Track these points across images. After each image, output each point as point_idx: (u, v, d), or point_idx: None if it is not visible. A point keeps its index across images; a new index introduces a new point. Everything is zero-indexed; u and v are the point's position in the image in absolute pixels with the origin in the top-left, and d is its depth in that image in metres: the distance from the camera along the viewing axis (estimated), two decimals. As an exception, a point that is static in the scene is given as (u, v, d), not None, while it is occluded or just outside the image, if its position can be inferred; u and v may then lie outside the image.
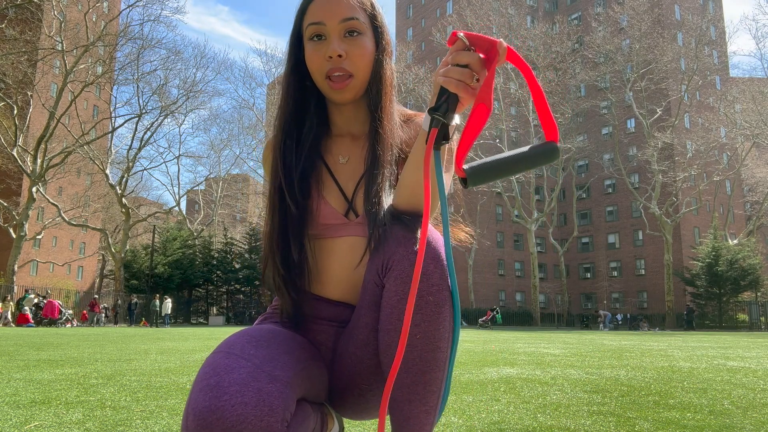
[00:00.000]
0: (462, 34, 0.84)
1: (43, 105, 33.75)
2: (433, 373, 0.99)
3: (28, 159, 31.00)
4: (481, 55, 0.85)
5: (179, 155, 45.47)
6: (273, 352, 0.97)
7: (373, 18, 1.19)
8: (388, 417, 1.03)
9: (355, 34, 1.14)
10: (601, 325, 36.74)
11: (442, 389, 1.02)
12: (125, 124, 40.44)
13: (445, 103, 0.87)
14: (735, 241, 39.76)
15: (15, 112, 30.13)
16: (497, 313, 36.13)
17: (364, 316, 1.07)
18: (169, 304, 29.87)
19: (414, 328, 0.97)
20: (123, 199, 35.87)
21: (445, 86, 0.86)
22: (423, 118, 0.99)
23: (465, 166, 0.86)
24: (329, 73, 1.14)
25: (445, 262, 1.00)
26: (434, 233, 1.03)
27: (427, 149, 0.89)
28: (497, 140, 43.74)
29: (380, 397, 1.08)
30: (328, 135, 1.28)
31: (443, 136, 0.88)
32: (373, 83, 1.19)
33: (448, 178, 1.12)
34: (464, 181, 0.87)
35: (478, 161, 0.87)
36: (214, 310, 43.92)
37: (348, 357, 1.11)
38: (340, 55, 1.12)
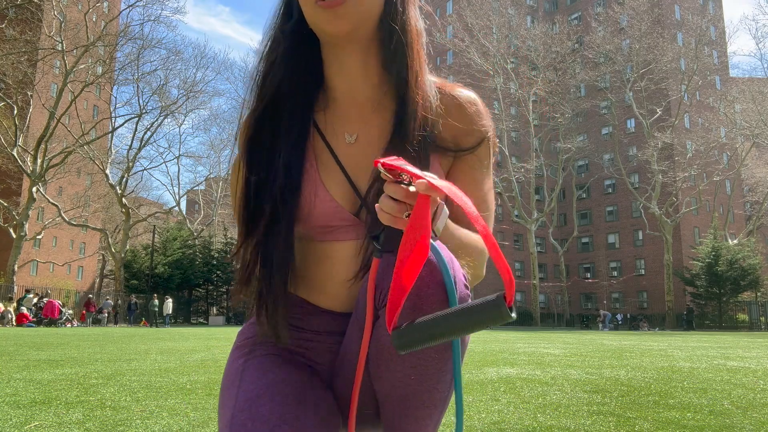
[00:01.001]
0: (380, 164, 0.71)
1: (43, 105, 33.73)
2: (428, 410, 0.89)
3: (28, 159, 30.99)
4: (411, 187, 0.70)
5: (179, 155, 45.46)
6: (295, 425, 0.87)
7: None
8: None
9: None
10: (601, 324, 36.72)
11: (438, 423, 0.92)
12: (125, 124, 40.40)
13: (382, 233, 0.80)
14: (735, 241, 39.73)
15: (15, 112, 30.11)
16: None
17: (356, 342, 0.91)
18: (170, 304, 29.84)
19: (410, 369, 0.84)
20: (123, 199, 35.85)
21: (379, 218, 0.74)
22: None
23: (394, 328, 0.72)
24: None
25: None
26: (436, 264, 0.85)
27: (371, 279, 0.82)
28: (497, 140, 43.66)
29: (377, 416, 0.95)
30: (324, 102, 1.01)
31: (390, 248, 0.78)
32: (388, 26, 0.92)
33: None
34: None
35: (408, 323, 0.72)
36: (214, 310, 43.90)
37: (341, 378, 0.97)
38: None
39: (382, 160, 0.71)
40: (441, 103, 0.97)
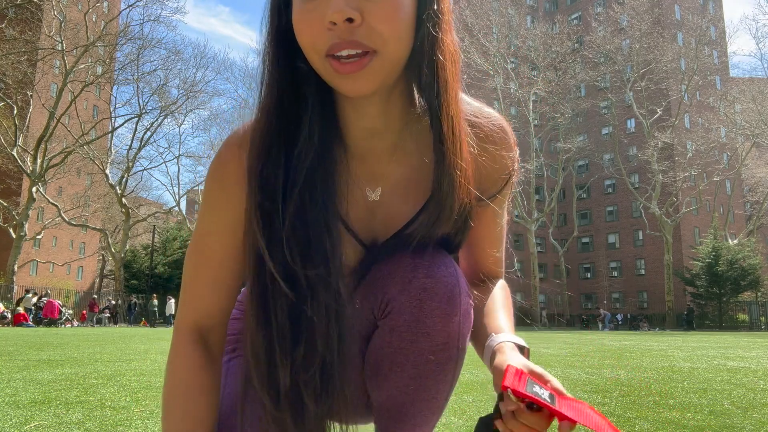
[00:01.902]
0: (510, 391, 0.68)
1: (43, 105, 33.73)
2: (425, 417, 0.87)
3: (28, 159, 30.98)
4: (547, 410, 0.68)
5: (179, 155, 45.41)
6: None
7: None
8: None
9: None
10: (601, 324, 36.72)
11: (434, 425, 0.91)
12: (125, 124, 40.38)
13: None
14: (735, 241, 39.73)
15: (15, 112, 30.12)
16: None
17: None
18: (173, 304, 29.81)
19: (409, 380, 0.83)
20: (123, 199, 35.85)
21: None
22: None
23: None
24: (332, 50, 0.70)
25: (458, 317, 0.82)
26: (445, 277, 0.81)
27: None
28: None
29: (367, 404, 0.93)
30: (338, 146, 0.82)
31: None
32: (419, 60, 0.75)
33: None
34: None
35: None
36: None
37: None
38: (350, 19, 0.68)
39: (511, 386, 0.67)
40: (476, 140, 0.84)
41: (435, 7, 0.74)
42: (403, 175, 0.85)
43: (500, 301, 0.93)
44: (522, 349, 0.80)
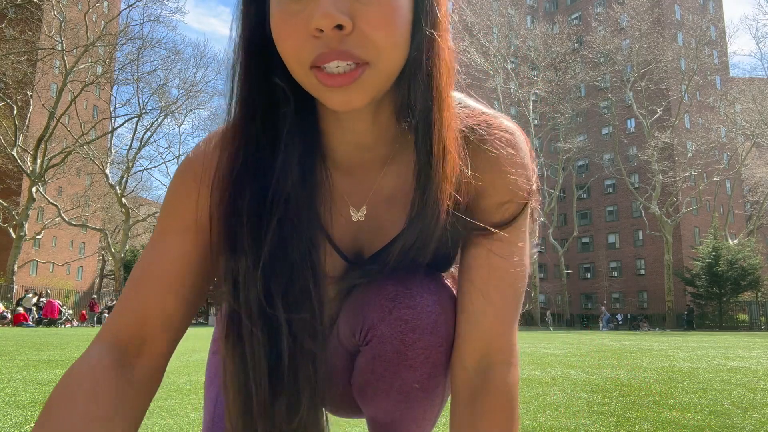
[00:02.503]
0: None
1: (42, 105, 33.73)
2: (419, 429, 0.83)
3: (28, 159, 30.98)
4: None
5: (179, 155, 45.43)
6: None
7: None
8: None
9: None
10: (600, 324, 36.70)
11: (431, 428, 0.88)
12: (125, 124, 40.39)
13: None
14: (735, 241, 39.73)
15: (15, 112, 30.11)
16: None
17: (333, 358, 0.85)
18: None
19: (395, 403, 0.78)
20: (123, 199, 35.85)
21: None
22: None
23: None
24: (318, 60, 0.60)
25: (444, 347, 0.74)
26: (428, 306, 0.73)
27: None
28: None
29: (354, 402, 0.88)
30: (321, 165, 0.74)
31: None
32: (414, 69, 0.65)
33: None
34: None
35: None
36: (214, 309, 43.94)
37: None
38: (339, 26, 0.58)
39: None
40: (468, 155, 0.71)
41: (433, 10, 0.64)
42: (396, 187, 0.75)
43: None
44: None
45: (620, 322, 40.16)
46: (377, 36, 0.59)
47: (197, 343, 9.52)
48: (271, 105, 0.67)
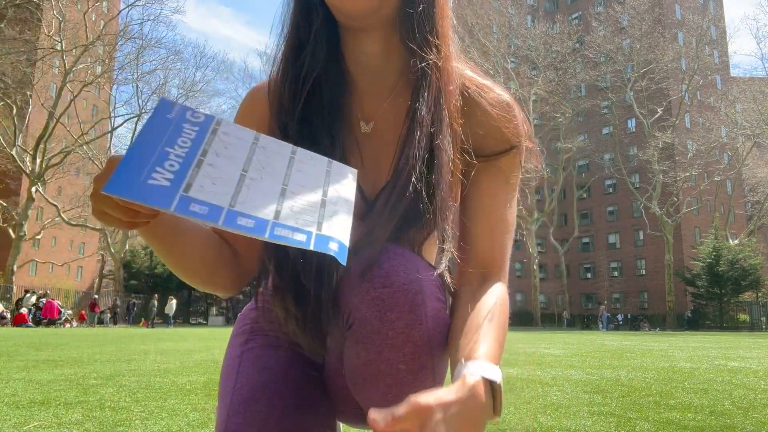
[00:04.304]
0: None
1: (42, 105, 33.75)
2: None
3: (28, 159, 30.99)
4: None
5: (179, 155, 45.41)
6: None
7: None
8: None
9: None
10: (600, 324, 36.68)
11: None
12: (124, 124, 40.44)
13: None
14: (736, 241, 39.73)
15: (14, 111, 30.12)
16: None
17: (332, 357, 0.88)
18: (173, 304, 29.82)
19: (385, 388, 0.79)
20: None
21: None
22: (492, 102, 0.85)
23: None
24: None
25: (425, 324, 0.76)
26: (405, 284, 0.75)
27: None
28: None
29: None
30: (342, 86, 0.88)
31: None
32: (413, 7, 0.81)
33: None
34: None
35: None
36: (214, 310, 43.90)
37: (331, 379, 0.92)
38: None
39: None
40: (464, 103, 0.85)
41: None
42: (396, 114, 0.86)
43: (484, 315, 0.79)
44: (492, 385, 0.69)
45: (621, 323, 40.15)
46: None
47: (197, 344, 9.52)
48: (307, 21, 0.83)
